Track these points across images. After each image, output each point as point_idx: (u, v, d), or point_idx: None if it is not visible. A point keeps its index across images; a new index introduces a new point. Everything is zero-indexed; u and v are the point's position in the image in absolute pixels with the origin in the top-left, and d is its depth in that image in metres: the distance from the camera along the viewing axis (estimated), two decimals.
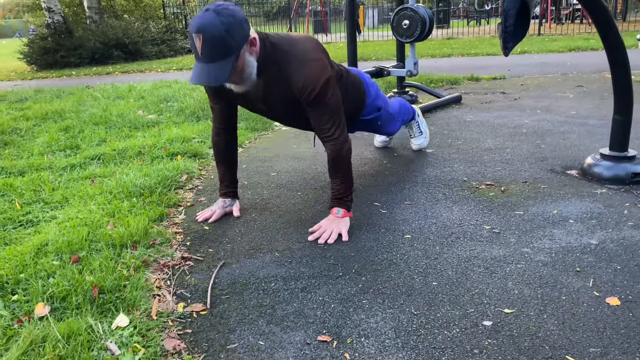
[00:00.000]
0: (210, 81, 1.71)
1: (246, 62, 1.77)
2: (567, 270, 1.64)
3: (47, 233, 2.00)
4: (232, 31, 1.67)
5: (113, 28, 11.23)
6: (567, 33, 12.17)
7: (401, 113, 2.77)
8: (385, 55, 9.15)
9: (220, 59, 1.69)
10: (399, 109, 2.74)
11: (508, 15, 2.65)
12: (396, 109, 2.70)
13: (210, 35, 1.64)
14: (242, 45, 1.72)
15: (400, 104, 2.78)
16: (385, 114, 2.54)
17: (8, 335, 1.39)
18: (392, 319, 1.44)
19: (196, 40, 1.67)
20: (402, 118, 2.79)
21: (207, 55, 1.68)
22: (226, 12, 1.67)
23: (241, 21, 1.71)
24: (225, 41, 1.66)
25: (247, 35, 1.74)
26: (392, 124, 2.68)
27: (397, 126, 2.74)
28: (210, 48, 1.66)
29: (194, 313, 1.51)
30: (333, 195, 2.04)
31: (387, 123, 2.62)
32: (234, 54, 1.70)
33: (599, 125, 3.45)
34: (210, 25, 1.64)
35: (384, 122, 2.58)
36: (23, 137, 3.80)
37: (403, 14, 3.97)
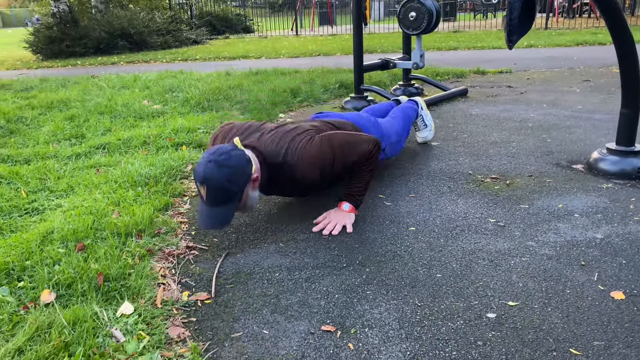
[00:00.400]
0: (215, 226, 1.82)
1: (249, 197, 1.84)
2: (571, 264, 1.64)
3: (53, 221, 2.01)
4: (233, 180, 1.75)
5: (118, 18, 11.22)
6: (575, 27, 12.07)
7: (406, 127, 2.72)
8: (391, 47, 9.11)
9: (224, 204, 1.77)
10: (402, 128, 2.67)
11: (513, 7, 2.63)
12: (400, 132, 2.63)
13: (213, 186, 1.73)
14: (244, 187, 1.79)
15: (403, 123, 2.70)
16: (390, 148, 2.52)
17: (14, 321, 1.40)
18: (396, 310, 1.44)
19: (201, 189, 1.76)
20: (408, 129, 2.74)
21: (212, 202, 1.76)
22: (227, 164, 1.74)
23: (242, 167, 1.78)
24: (228, 190, 1.75)
25: (248, 178, 1.80)
26: (401, 143, 2.66)
27: (405, 135, 2.72)
28: (214, 196, 1.75)
29: (198, 302, 1.52)
30: (346, 191, 2.04)
31: (397, 144, 2.60)
32: (236, 197, 1.78)
33: (605, 120, 3.43)
34: (212, 178, 1.73)
35: (393, 150, 2.57)
36: (29, 126, 3.81)
37: (410, 6, 3.95)
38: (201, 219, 1.80)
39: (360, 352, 1.28)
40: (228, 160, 1.75)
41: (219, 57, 9.26)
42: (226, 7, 18.40)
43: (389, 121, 2.63)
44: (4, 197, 2.32)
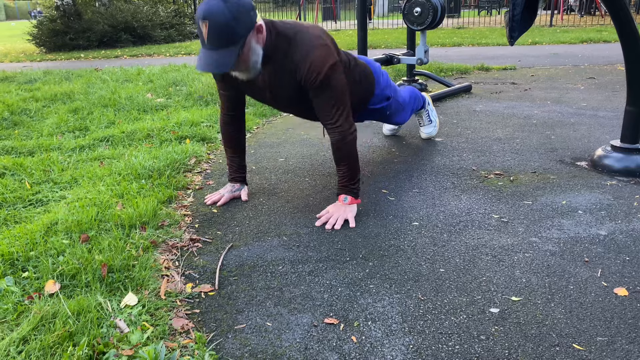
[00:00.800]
0: (215, 69, 1.70)
1: (252, 49, 1.76)
2: (575, 260, 1.64)
3: (57, 212, 2.01)
4: (238, 18, 1.65)
5: (122, 11, 11.20)
6: (579, 24, 12.03)
7: (411, 102, 2.74)
8: (395, 43, 9.09)
9: (226, 46, 1.68)
10: (409, 98, 2.71)
11: (516, 4, 2.62)
12: (406, 99, 2.68)
13: (216, 22, 1.63)
14: (248, 32, 1.71)
15: (410, 93, 2.75)
16: (394, 104, 2.52)
17: (19, 311, 1.41)
18: (399, 303, 1.44)
19: (202, 27, 1.66)
20: (412, 107, 2.76)
21: (213, 42, 1.67)
22: (233, 0, 1.66)
23: (248, 8, 1.69)
24: (231, 28, 1.65)
25: (253, 22, 1.72)
26: (402, 113, 2.66)
27: (407, 115, 2.72)
28: (216, 35, 1.65)
29: (202, 293, 1.53)
30: (339, 183, 2.04)
31: (397, 112, 2.60)
32: (239, 41, 1.69)
33: (609, 117, 3.42)
34: (216, 12, 1.63)
35: (393, 112, 2.56)
36: (32, 118, 3.81)
37: (415, 2, 3.93)
38: (200, 62, 1.69)
39: (364, 345, 1.28)
40: None
41: None
42: None
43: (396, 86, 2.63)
44: (8, 189, 2.32)
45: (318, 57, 1.84)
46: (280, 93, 1.98)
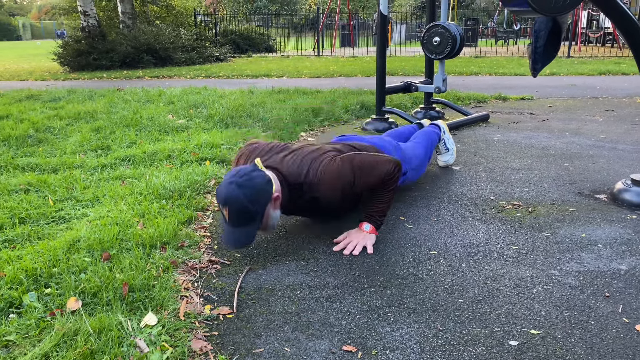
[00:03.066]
0: (239, 245, 1.87)
1: (270, 217, 1.88)
2: (595, 295, 1.63)
3: (79, 230, 2.05)
4: (255, 201, 1.79)
5: (145, 33, 11.48)
6: (597, 56, 12.04)
7: (427, 156, 2.70)
8: (412, 70, 9.17)
9: (246, 224, 1.80)
10: (424, 154, 2.66)
11: (539, 36, 2.65)
12: (421, 156, 2.63)
13: (235, 208, 1.77)
14: (265, 207, 1.83)
15: (425, 148, 2.70)
16: (411, 172, 2.52)
17: (41, 327, 1.43)
18: (418, 333, 1.44)
19: (223, 211, 1.81)
20: (429, 157, 2.73)
21: (235, 222, 1.80)
22: (248, 185, 1.78)
23: (263, 188, 1.82)
24: (250, 211, 1.78)
25: (269, 198, 1.84)
26: (423, 165, 2.66)
27: (427, 161, 2.71)
28: (236, 217, 1.79)
29: (220, 316, 1.54)
30: (367, 211, 2.06)
31: (417, 173, 2.61)
32: (257, 217, 1.81)
33: (629, 151, 3.40)
34: (234, 199, 1.76)
35: (414, 175, 2.57)
36: (56, 136, 3.90)
37: (434, 31, 3.99)
38: (225, 239, 1.83)
39: None
40: (249, 181, 1.79)
41: (241, 75, 9.40)
42: (250, 26, 18.73)
43: (411, 145, 2.64)
44: (32, 205, 2.37)
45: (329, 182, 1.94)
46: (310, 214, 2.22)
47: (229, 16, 19.30)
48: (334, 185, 1.94)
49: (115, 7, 13.58)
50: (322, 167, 1.94)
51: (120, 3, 12.37)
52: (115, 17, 13.87)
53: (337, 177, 1.94)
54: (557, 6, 2.05)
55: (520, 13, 2.23)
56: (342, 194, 1.99)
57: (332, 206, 2.07)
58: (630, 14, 2.27)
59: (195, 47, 12.38)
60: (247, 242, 1.86)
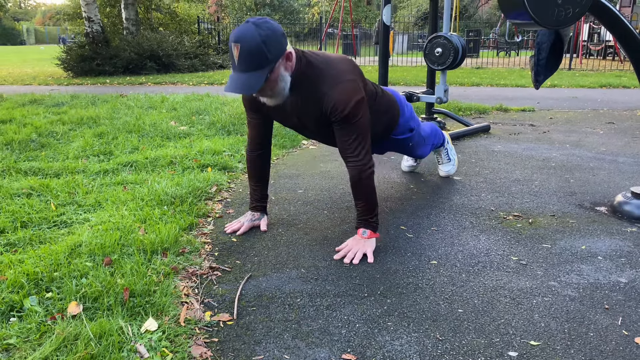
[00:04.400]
0: (242, 90, 1.75)
1: (280, 75, 1.82)
2: (595, 307, 1.63)
3: (81, 235, 2.06)
4: (269, 43, 1.72)
5: (148, 40, 11.53)
6: (599, 69, 12.08)
7: (432, 137, 2.79)
8: (413, 80, 9.20)
9: (255, 69, 1.73)
10: (430, 132, 2.77)
11: (542, 48, 2.67)
12: (428, 133, 2.73)
13: (247, 46, 1.70)
14: (277, 58, 1.77)
15: (431, 128, 2.81)
16: (417, 136, 2.57)
17: (42, 331, 1.43)
18: (417, 342, 1.44)
19: (234, 49, 1.72)
20: (432, 142, 2.81)
21: (243, 65, 1.73)
22: (265, 26, 1.73)
23: (279, 35, 1.76)
24: (261, 52, 1.71)
25: (283, 49, 1.79)
26: (423, 147, 2.70)
27: (427, 150, 2.76)
28: (246, 58, 1.72)
29: (220, 322, 1.54)
30: (358, 216, 2.06)
31: (418, 145, 2.64)
32: (268, 65, 1.75)
33: (629, 163, 3.41)
34: (248, 36, 1.70)
35: (415, 144, 2.60)
36: (59, 141, 3.91)
37: (436, 42, 4.01)
38: (229, 84, 1.75)
39: None
40: (266, 23, 1.73)
41: None
42: None
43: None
44: (34, 209, 2.38)
45: (344, 92, 1.89)
46: (306, 121, 2.03)
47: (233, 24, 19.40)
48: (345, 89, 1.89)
49: (120, 14, 13.66)
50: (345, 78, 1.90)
51: (125, 10, 12.45)
52: (119, 23, 13.94)
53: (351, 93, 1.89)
54: (559, 19, 2.07)
55: (522, 25, 2.25)
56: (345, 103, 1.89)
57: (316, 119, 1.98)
58: (632, 28, 2.29)
59: (198, 55, 12.44)
60: (252, 88, 1.74)
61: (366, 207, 2.04)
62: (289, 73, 1.86)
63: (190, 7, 17.74)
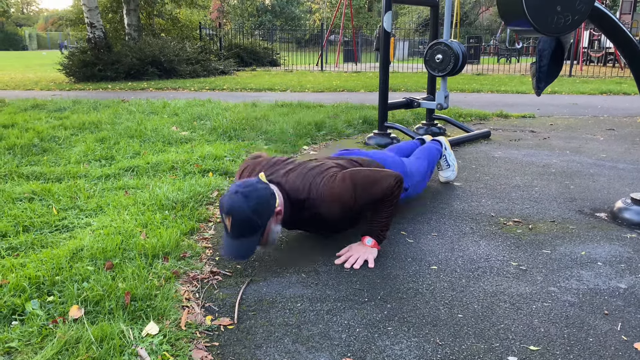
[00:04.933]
0: (239, 257, 1.88)
1: (271, 230, 1.90)
2: (594, 312, 1.63)
3: (82, 239, 2.07)
4: (258, 212, 1.81)
5: (150, 46, 11.58)
6: (599, 76, 12.12)
7: (429, 171, 2.75)
8: (414, 87, 9.23)
9: (248, 236, 1.82)
10: (426, 168, 2.71)
11: (543, 55, 2.69)
12: (423, 171, 2.67)
13: (238, 217, 1.79)
14: (267, 220, 1.85)
15: (427, 162, 2.73)
16: (413, 188, 2.54)
17: (43, 335, 1.44)
18: (417, 347, 1.45)
19: (226, 220, 1.82)
20: (431, 170, 2.78)
21: (236, 233, 1.82)
22: (253, 195, 1.81)
23: (267, 200, 1.84)
24: (252, 222, 1.81)
25: (272, 211, 1.87)
26: (423, 184, 2.69)
27: (425, 183, 2.75)
28: (238, 228, 1.81)
29: (221, 326, 1.55)
30: (369, 226, 2.08)
31: (419, 188, 2.63)
32: (260, 230, 1.84)
33: (629, 170, 3.42)
34: (238, 209, 1.79)
35: (415, 190, 2.60)
36: (61, 145, 3.93)
37: (437, 48, 4.04)
38: (225, 250, 1.85)
39: None
40: (254, 192, 1.81)
41: (245, 88, 9.47)
42: (254, 40, 18.90)
43: (413, 160, 2.67)
44: (36, 213, 2.39)
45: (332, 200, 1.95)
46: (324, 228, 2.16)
47: (234, 30, 19.48)
48: (336, 201, 1.96)
49: (122, 19, 13.74)
50: (324, 183, 1.96)
51: (127, 15, 12.51)
52: (121, 29, 14.02)
53: (339, 194, 1.95)
54: (558, 27, 2.09)
55: (522, 32, 2.27)
56: (343, 211, 2.00)
57: (333, 222, 2.08)
58: (631, 36, 2.31)
59: (199, 60, 12.49)
60: (247, 254, 1.88)
61: (384, 220, 2.06)
62: (280, 223, 1.95)
63: (192, 13, 17.84)
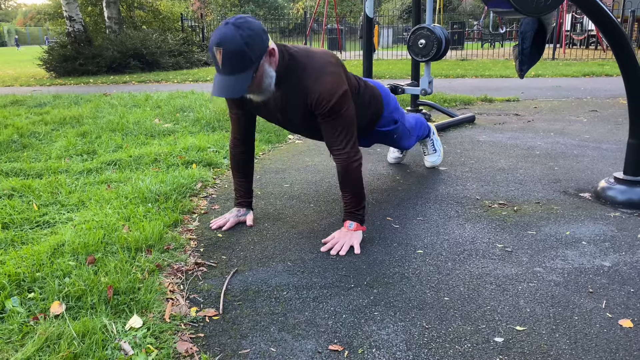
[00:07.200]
0: (230, 94, 1.75)
1: (265, 72, 1.80)
2: (579, 291, 1.64)
3: (64, 234, 2.03)
4: (251, 44, 1.71)
5: (131, 38, 11.42)
6: (582, 58, 12.19)
7: (417, 128, 2.79)
8: (399, 74, 9.21)
9: (240, 71, 1.72)
10: (415, 124, 2.77)
11: (525, 37, 2.68)
12: (412, 124, 2.73)
13: (230, 49, 1.68)
14: (261, 57, 1.76)
15: (416, 120, 2.81)
16: (401, 128, 2.56)
17: (24, 332, 1.41)
18: (404, 331, 1.44)
19: (216, 53, 1.71)
20: (417, 134, 2.81)
21: (227, 68, 1.72)
22: (245, 26, 1.71)
23: (260, 33, 1.74)
24: (245, 54, 1.70)
25: (266, 47, 1.77)
26: (408, 138, 2.70)
27: (412, 141, 2.76)
28: (230, 61, 1.70)
29: (206, 318, 1.53)
30: (345, 209, 2.06)
31: (403, 137, 2.64)
32: (253, 66, 1.74)
33: (612, 150, 3.45)
34: (230, 39, 1.68)
35: (400, 136, 2.60)
36: (41, 141, 3.86)
37: (419, 33, 4.01)
38: (215, 88, 1.74)
39: None
40: (246, 23, 1.72)
41: None
42: None
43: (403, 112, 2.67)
44: (16, 210, 2.34)
45: (328, 85, 1.88)
46: (291, 115, 2.02)
47: (217, 21, 19.27)
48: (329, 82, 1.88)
49: (102, 12, 13.50)
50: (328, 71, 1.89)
51: (107, 8, 12.30)
52: (102, 22, 13.78)
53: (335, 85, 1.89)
54: (539, 7, 2.08)
55: (503, 14, 2.26)
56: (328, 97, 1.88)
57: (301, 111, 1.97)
58: (612, 16, 2.31)
59: (182, 52, 12.35)
60: (239, 91, 1.75)
61: (353, 199, 2.03)
62: (274, 68, 1.84)
63: (173, 5, 17.59)
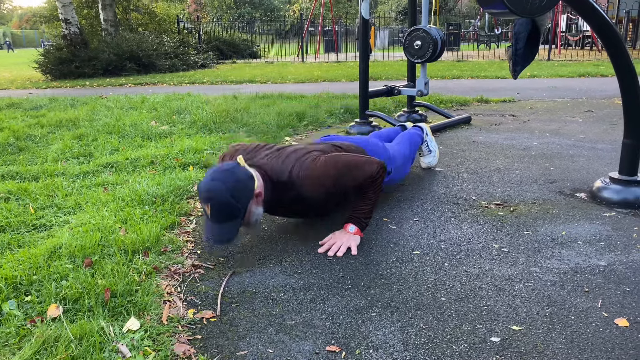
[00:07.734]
0: (222, 241, 1.87)
1: (252, 213, 1.89)
2: (575, 291, 1.65)
3: (60, 237, 2.03)
4: (237, 195, 1.80)
5: (127, 41, 11.41)
6: (577, 59, 12.23)
7: (411, 155, 2.74)
8: (395, 75, 9.23)
9: (229, 220, 1.82)
10: (409, 152, 2.70)
11: (519, 38, 2.69)
12: (405, 155, 2.65)
13: (217, 203, 1.79)
14: (247, 202, 1.84)
15: (409, 147, 2.72)
16: (395, 172, 2.52)
17: (21, 335, 1.41)
18: (401, 332, 1.45)
19: (205, 207, 1.81)
20: (412, 157, 2.75)
21: (217, 219, 1.81)
22: (231, 179, 1.80)
23: (245, 182, 1.83)
24: (232, 206, 1.80)
25: (251, 194, 1.85)
26: (404, 169, 2.67)
27: (408, 168, 2.73)
28: (218, 213, 1.80)
29: (204, 319, 1.53)
30: (352, 213, 2.06)
31: (400, 174, 2.62)
32: (240, 213, 1.83)
33: (608, 150, 3.46)
34: (216, 194, 1.78)
35: (398, 174, 2.58)
36: (37, 144, 3.86)
37: (415, 35, 4.03)
38: (207, 235, 1.84)
39: None
40: (231, 176, 1.81)
41: (225, 81, 9.39)
42: (234, 32, 18.72)
43: (394, 145, 2.66)
44: (12, 213, 2.34)
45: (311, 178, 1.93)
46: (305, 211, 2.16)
47: (213, 23, 19.27)
48: (317, 184, 1.94)
49: (97, 15, 13.50)
50: (306, 165, 1.94)
51: (103, 11, 12.30)
52: (98, 24, 13.78)
53: (319, 176, 1.94)
54: (533, 8, 2.09)
55: (498, 15, 2.27)
56: (325, 193, 1.99)
57: (315, 205, 2.08)
58: (607, 18, 2.32)
59: (178, 54, 12.35)
60: (230, 238, 1.86)
61: (367, 207, 2.05)
62: (262, 205, 1.93)
63: (169, 7, 17.61)
